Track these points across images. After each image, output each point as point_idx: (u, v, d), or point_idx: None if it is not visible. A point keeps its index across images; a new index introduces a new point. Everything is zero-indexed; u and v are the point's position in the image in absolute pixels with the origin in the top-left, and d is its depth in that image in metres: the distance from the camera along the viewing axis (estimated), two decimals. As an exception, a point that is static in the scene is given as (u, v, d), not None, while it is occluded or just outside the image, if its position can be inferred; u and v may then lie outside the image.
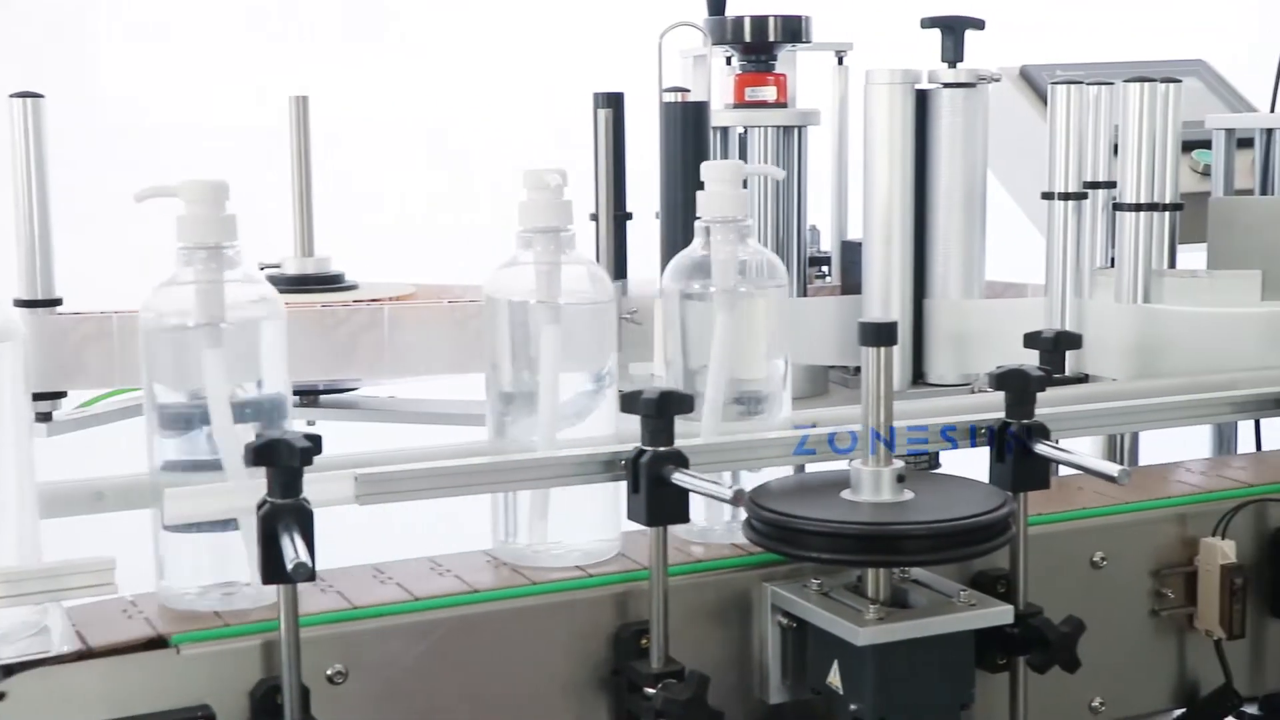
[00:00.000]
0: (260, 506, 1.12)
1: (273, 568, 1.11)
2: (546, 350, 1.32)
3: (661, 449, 1.25)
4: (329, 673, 1.20)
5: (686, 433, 1.31)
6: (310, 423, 2.02)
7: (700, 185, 1.40)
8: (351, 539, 1.39)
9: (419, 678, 1.24)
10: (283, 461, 1.12)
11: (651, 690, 1.25)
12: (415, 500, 1.25)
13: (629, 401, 1.27)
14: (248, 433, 1.18)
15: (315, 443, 1.13)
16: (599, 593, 1.30)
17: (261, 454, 1.12)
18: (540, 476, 1.30)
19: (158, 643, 1.17)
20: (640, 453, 1.26)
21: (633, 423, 1.28)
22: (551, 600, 1.29)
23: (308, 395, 2.02)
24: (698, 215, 1.40)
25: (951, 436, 1.42)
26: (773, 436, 1.38)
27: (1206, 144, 2.05)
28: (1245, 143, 2.02)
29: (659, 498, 1.25)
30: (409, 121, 3.35)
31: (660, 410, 1.25)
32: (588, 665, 1.30)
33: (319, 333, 1.85)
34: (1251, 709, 2.29)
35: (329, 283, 2.00)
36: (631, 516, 1.28)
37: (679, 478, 1.24)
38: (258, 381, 1.23)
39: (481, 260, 1.42)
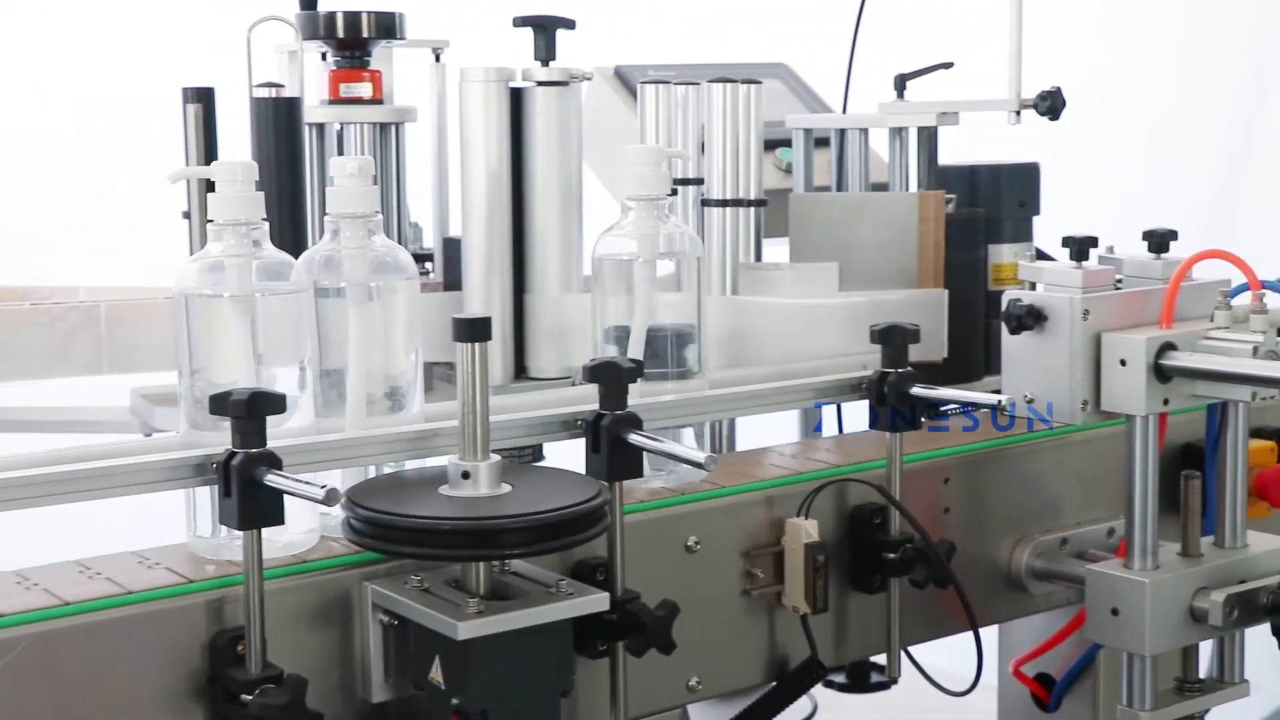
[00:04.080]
0: None
1: None
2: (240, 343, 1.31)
3: (253, 450, 1.23)
4: (-105, 699, 1.13)
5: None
6: (-121, 436, 1.89)
7: (297, 181, 1.40)
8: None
9: (-2, 699, 1.18)
10: None
11: (248, 697, 1.23)
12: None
13: (218, 403, 1.24)
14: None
15: None
16: (192, 600, 1.27)
17: None
18: (128, 484, 1.26)
19: None
20: (231, 455, 1.23)
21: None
22: (140, 610, 1.25)
23: (-125, 407, 1.88)
24: (326, 212, 1.41)
25: (549, 429, 1.45)
26: (375, 434, 1.38)
27: (788, 142, 2.14)
28: (822, 142, 2.12)
29: (251, 500, 1.23)
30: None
31: (251, 411, 1.23)
32: (182, 675, 1.26)
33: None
34: (838, 677, 2.42)
35: (-104, 287, 1.88)
36: (224, 521, 1.25)
37: (271, 479, 1.22)
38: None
39: (79, 262, 1.37)
